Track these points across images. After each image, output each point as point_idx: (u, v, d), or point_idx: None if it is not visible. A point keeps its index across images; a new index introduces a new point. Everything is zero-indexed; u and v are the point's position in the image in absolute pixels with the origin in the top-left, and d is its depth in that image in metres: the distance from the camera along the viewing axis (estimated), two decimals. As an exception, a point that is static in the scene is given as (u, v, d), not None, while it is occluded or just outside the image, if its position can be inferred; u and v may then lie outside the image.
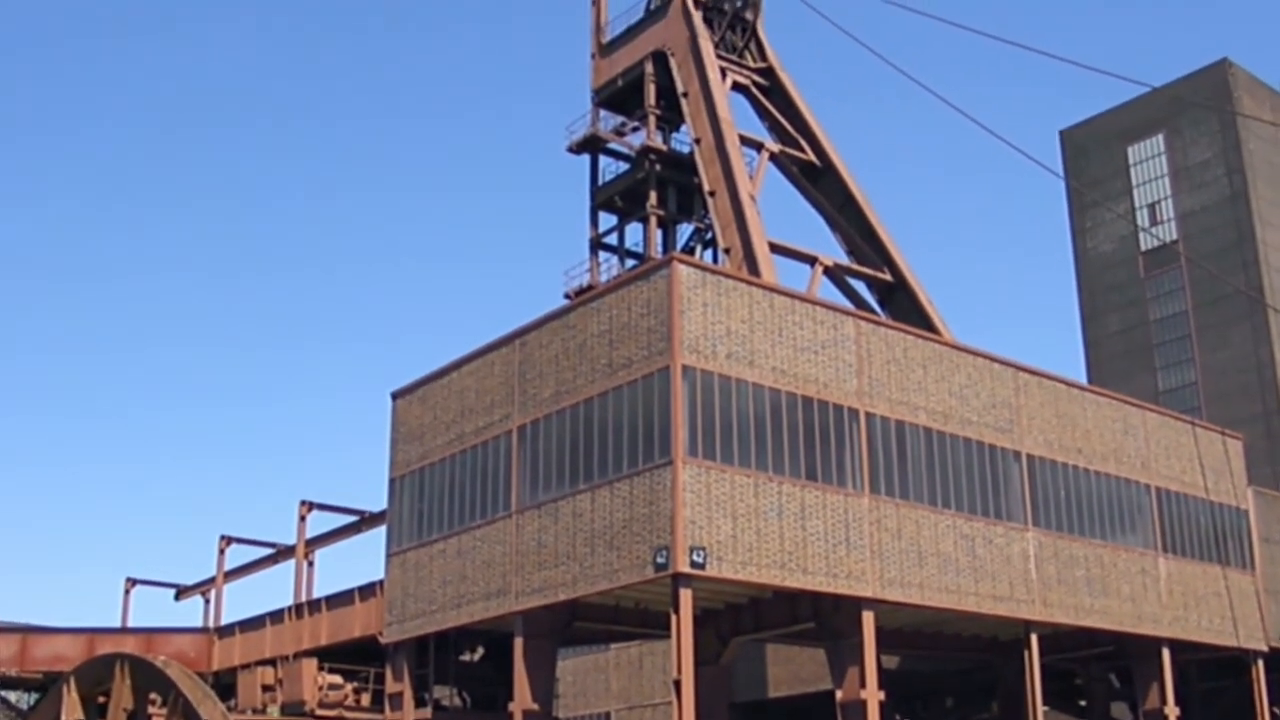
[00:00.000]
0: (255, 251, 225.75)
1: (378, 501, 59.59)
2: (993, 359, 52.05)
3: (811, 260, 65.91)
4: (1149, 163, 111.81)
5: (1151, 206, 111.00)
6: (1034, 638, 51.29)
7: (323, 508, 65.29)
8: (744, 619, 49.39)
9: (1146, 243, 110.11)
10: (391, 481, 54.10)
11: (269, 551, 72.05)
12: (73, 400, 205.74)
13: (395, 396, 55.01)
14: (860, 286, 68.55)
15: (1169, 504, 58.03)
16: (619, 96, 74.26)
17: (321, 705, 55.56)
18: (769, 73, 73.42)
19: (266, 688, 58.99)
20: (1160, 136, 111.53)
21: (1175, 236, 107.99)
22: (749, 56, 73.96)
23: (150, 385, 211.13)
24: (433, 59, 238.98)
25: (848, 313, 48.23)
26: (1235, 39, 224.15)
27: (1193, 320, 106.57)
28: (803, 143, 71.06)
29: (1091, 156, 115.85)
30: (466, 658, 58.92)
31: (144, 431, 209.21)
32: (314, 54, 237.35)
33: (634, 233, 72.65)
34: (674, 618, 40.55)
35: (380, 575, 54.22)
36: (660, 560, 40.45)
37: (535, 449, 46.62)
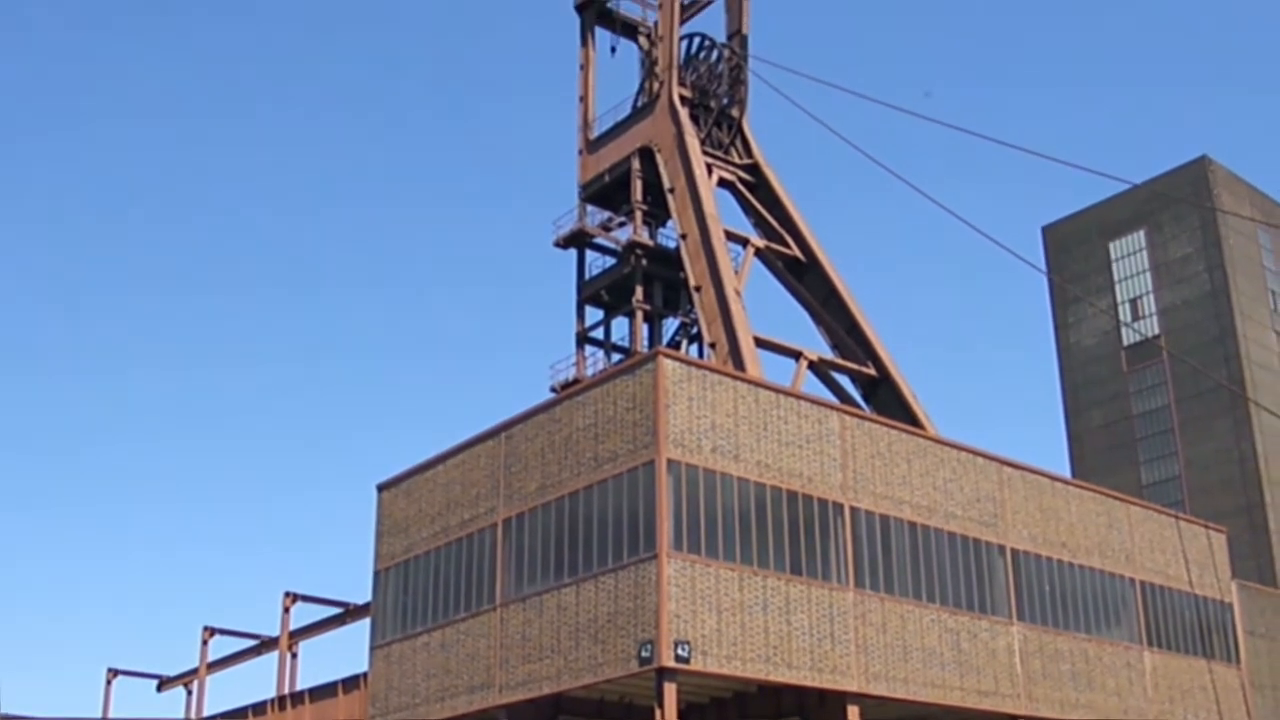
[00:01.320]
0: (241, 343, 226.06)
1: (362, 593, 59.53)
2: (977, 453, 52.32)
3: (796, 355, 66.35)
4: (1130, 258, 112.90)
5: (1133, 301, 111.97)
6: (1019, 732, 51.16)
7: (307, 599, 65.18)
8: (729, 713, 49.22)
9: (1129, 337, 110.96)
10: (376, 574, 54.05)
11: (253, 643, 71.80)
12: (54, 489, 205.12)
13: (381, 489, 55.09)
14: (845, 381, 68.94)
15: (1154, 598, 58.11)
16: (606, 192, 74.95)
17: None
18: (754, 169, 74.18)
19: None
20: (1141, 232, 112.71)
21: (1157, 331, 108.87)
22: (735, 152, 74.74)
23: (133, 475, 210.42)
24: (421, 153, 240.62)
25: (832, 407, 48.54)
26: (1214, 136, 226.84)
27: (1175, 414, 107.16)
28: (787, 238, 71.69)
29: (1073, 252, 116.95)
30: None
31: (127, 521, 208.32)
32: (306, 140, 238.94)
33: (620, 327, 73.11)
34: (658, 712, 40.45)
35: (364, 668, 54.05)
36: (645, 654, 40.45)
37: (520, 542, 46.69)
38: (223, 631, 72.19)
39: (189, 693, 76.12)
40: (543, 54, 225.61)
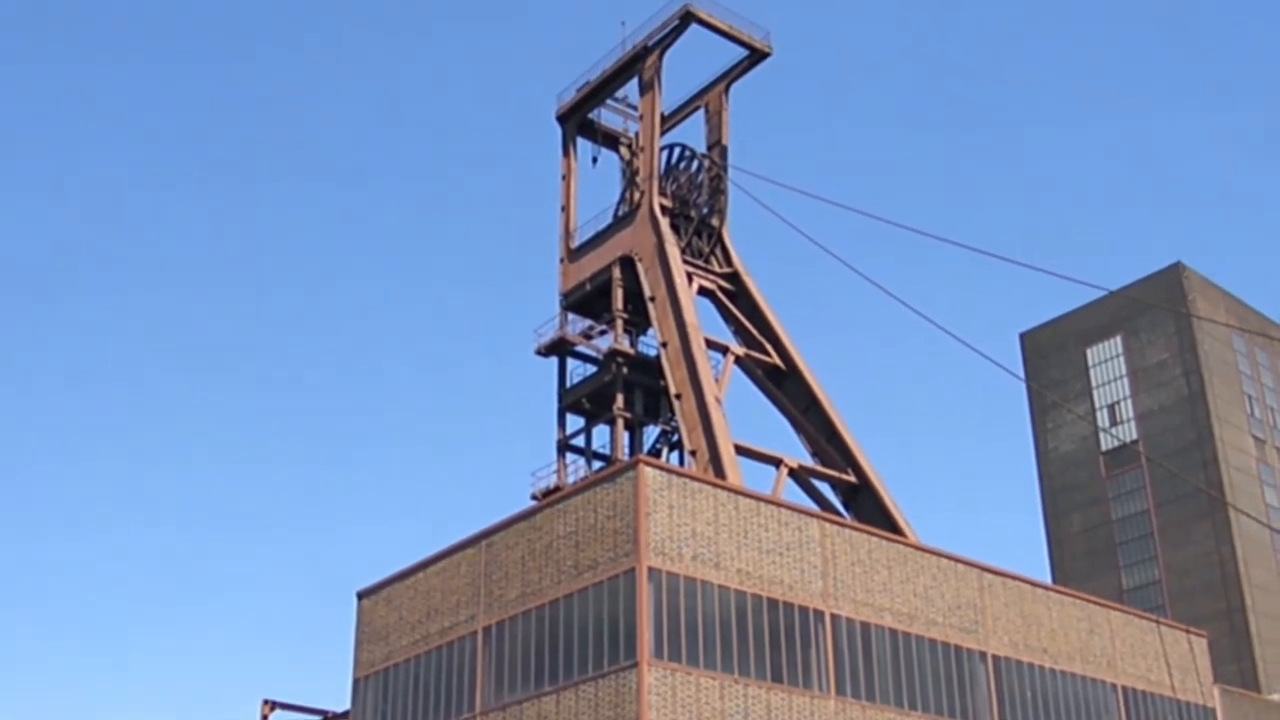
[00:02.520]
0: (221, 442, 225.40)
1: (342, 702, 59.23)
2: (957, 560, 52.54)
3: (776, 462, 66.66)
4: (1108, 364, 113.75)
5: (1111, 407, 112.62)
6: (1003, 841, 50.96)
7: (285, 707, 64.81)
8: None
9: (1107, 443, 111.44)
10: (356, 681, 53.90)
11: (232, 752, 71.28)
12: (17, 589, 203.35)
13: (361, 596, 55.09)
14: (825, 488, 69.18)
15: (1136, 703, 58.12)
16: (587, 300, 75.55)
17: None
18: (734, 277, 74.90)
19: None
20: (1118, 338, 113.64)
21: (1135, 436, 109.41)
22: (715, 261, 75.49)
23: (107, 575, 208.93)
24: (404, 258, 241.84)
25: (812, 514, 48.82)
26: (1188, 242, 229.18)
27: (1154, 519, 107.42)
28: (767, 346, 72.25)
29: (1051, 358, 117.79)
30: None
31: (102, 623, 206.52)
32: (286, 243, 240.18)
33: (601, 435, 73.42)
34: (641, 823, 40.32)
35: (345, 778, 53.75)
36: (627, 764, 40.37)
37: (501, 650, 46.68)
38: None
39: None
40: (526, 162, 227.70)
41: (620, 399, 70.88)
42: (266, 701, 64.74)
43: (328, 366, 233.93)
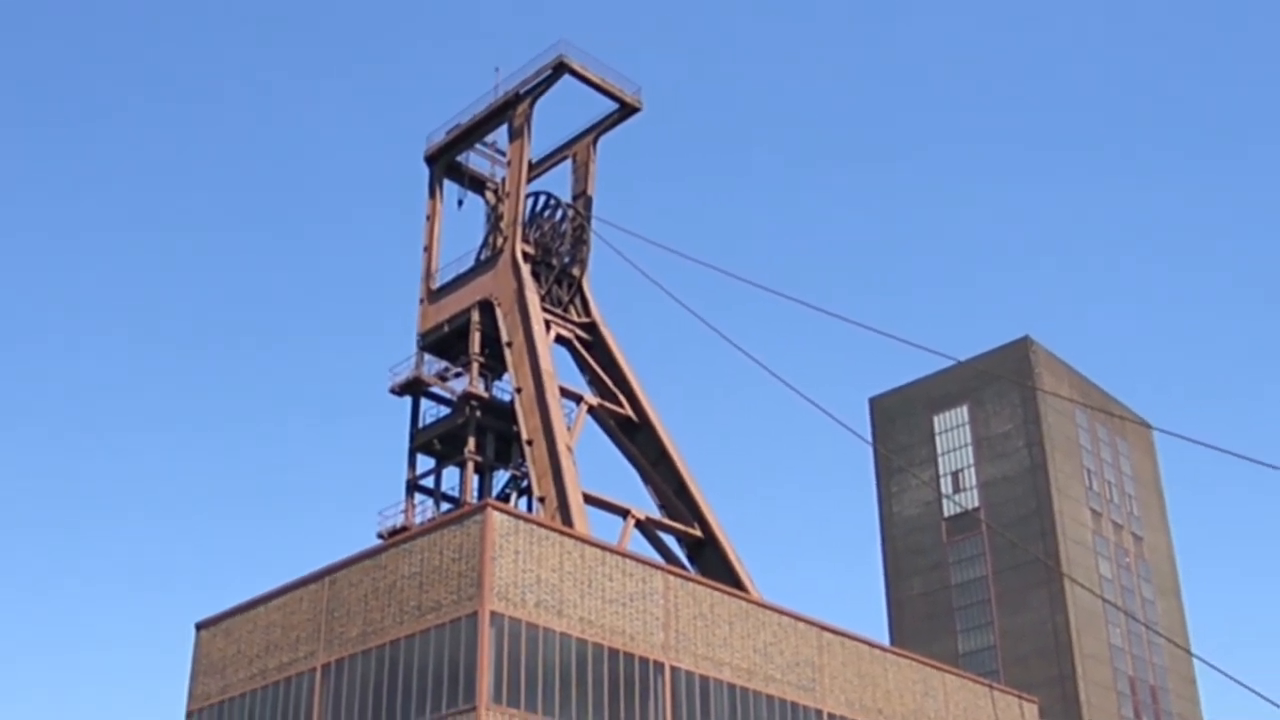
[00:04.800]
0: (60, 452, 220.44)
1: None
2: (797, 618, 53.14)
3: (624, 513, 67.00)
4: (953, 432, 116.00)
5: (955, 474, 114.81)
6: None
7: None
8: None
9: (949, 509, 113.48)
10: (189, 715, 53.04)
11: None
12: None
13: (199, 627, 54.28)
14: (671, 541, 69.58)
15: (964, 767, 59.06)
16: (445, 342, 75.40)
17: None
18: (592, 327, 75.27)
19: None
20: (965, 407, 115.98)
21: (977, 504, 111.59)
22: (574, 310, 75.83)
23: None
24: (261, 288, 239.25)
25: (657, 566, 49.16)
26: (1037, 317, 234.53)
27: (993, 585, 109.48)
28: (621, 397, 72.64)
29: (899, 423, 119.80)
30: None
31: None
32: (139, 270, 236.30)
33: (451, 476, 73.13)
34: None
35: (172, 814, 52.83)
36: (459, 808, 40.22)
37: (339, 689, 46.27)
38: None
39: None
40: (395, 202, 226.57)
41: (472, 442, 70.77)
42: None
43: (175, 396, 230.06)
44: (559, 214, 77.41)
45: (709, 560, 68.63)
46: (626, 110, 77.90)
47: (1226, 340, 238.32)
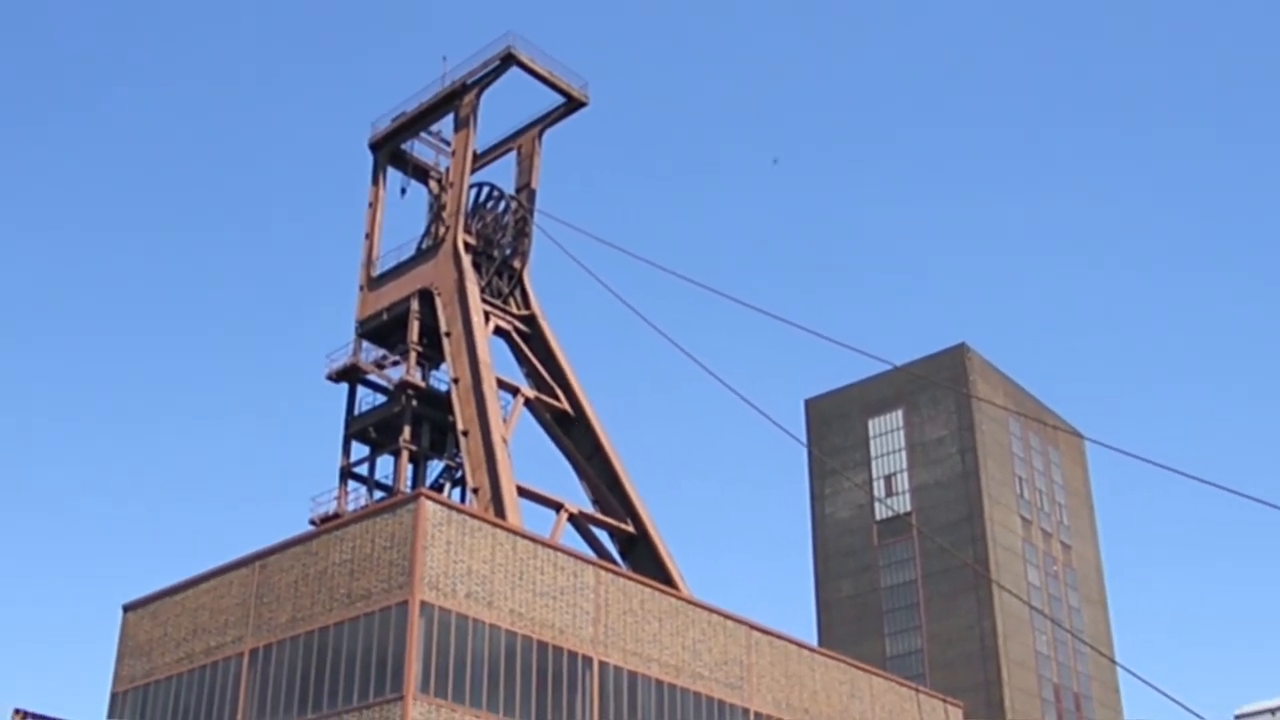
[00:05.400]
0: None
1: (98, 716, 57.76)
2: (727, 616, 53.36)
3: (557, 506, 67.08)
4: (888, 436, 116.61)
5: (888, 478, 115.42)
6: None
7: (38, 718, 62.79)
8: None
9: (881, 512, 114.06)
10: (113, 696, 52.71)
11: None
12: None
13: (126, 609, 53.94)
14: (603, 536, 69.73)
15: (887, 769, 59.50)
16: (383, 330, 75.22)
17: None
18: (531, 320, 75.30)
19: None
20: (900, 412, 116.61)
21: (909, 508, 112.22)
22: (513, 303, 75.80)
23: None
24: (198, 273, 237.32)
25: (588, 561, 49.26)
26: (974, 324, 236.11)
27: (922, 589, 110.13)
28: (558, 391, 72.71)
29: (834, 426, 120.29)
30: None
31: None
32: (69, 256, 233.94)
33: (385, 465, 73.01)
34: None
35: (95, 795, 52.44)
36: (383, 797, 40.17)
37: (266, 674, 46.11)
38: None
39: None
40: (334, 189, 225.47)
41: (407, 431, 70.65)
42: (18, 711, 62.69)
43: (104, 377, 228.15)
44: (502, 206, 77.36)
45: (640, 556, 68.83)
46: (573, 104, 77.93)
47: (1160, 354, 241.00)
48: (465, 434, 66.29)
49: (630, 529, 69.63)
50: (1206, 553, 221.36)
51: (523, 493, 64.11)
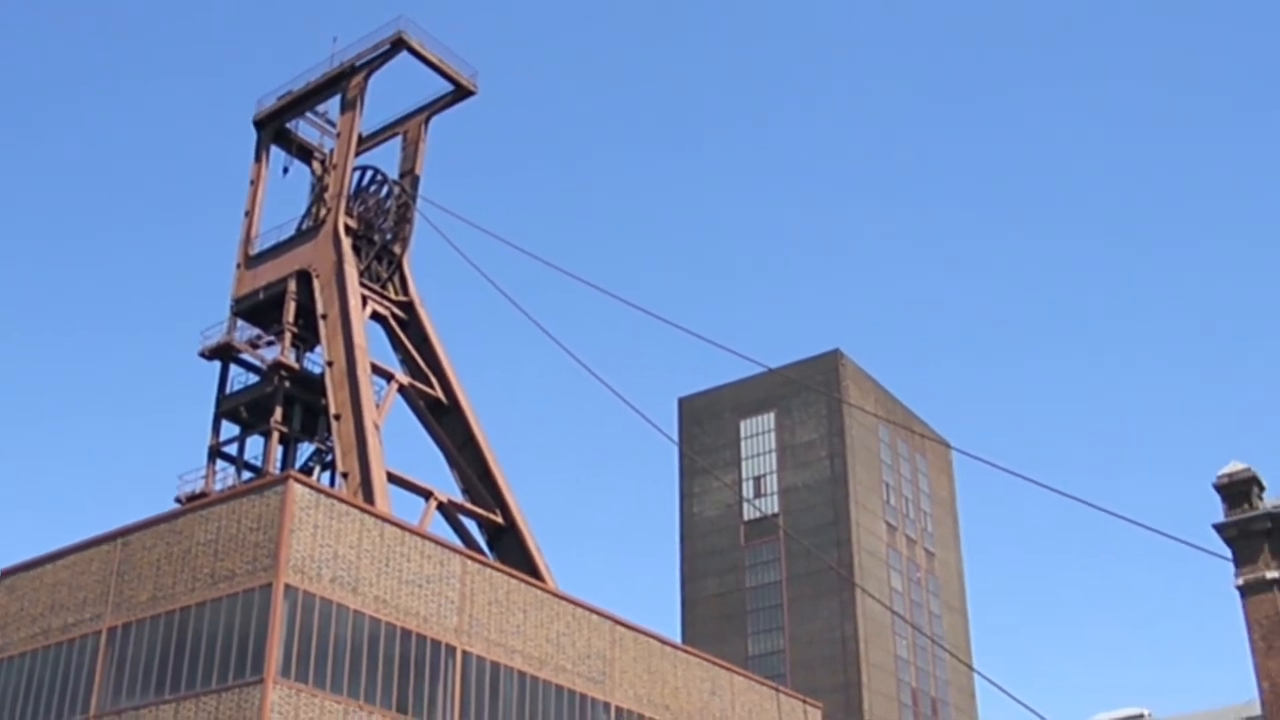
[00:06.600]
0: None
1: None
2: (592, 610, 53.55)
3: (427, 494, 66.95)
4: (759, 438, 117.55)
5: (757, 479, 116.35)
6: None
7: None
8: None
9: (749, 513, 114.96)
10: (-37, 673, 51.62)
11: None
12: None
13: (-19, 584, 52.85)
14: (472, 525, 69.71)
15: (744, 767, 60.01)
16: (259, 309, 74.51)
17: None
18: (409, 307, 75.02)
19: None
20: (772, 414, 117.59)
21: (776, 510, 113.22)
22: (392, 288, 75.49)
23: None
24: (78, 240, 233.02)
25: (455, 550, 49.19)
26: (848, 331, 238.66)
27: (786, 591, 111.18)
28: (432, 379, 72.54)
29: (706, 425, 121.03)
30: None
31: None
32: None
33: (255, 445, 72.37)
34: (244, 840, 39.85)
35: (-61, 773, 51.34)
36: (238, 780, 39.85)
37: (124, 653, 45.45)
38: None
39: None
40: (217, 164, 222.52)
41: (279, 412, 70.08)
42: None
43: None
44: (384, 190, 77.03)
45: (508, 547, 68.91)
46: (461, 93, 77.76)
47: (1028, 367, 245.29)
48: (337, 418, 65.92)
49: (499, 520, 69.67)
50: (1065, 564, 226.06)
51: (393, 479, 63.92)
